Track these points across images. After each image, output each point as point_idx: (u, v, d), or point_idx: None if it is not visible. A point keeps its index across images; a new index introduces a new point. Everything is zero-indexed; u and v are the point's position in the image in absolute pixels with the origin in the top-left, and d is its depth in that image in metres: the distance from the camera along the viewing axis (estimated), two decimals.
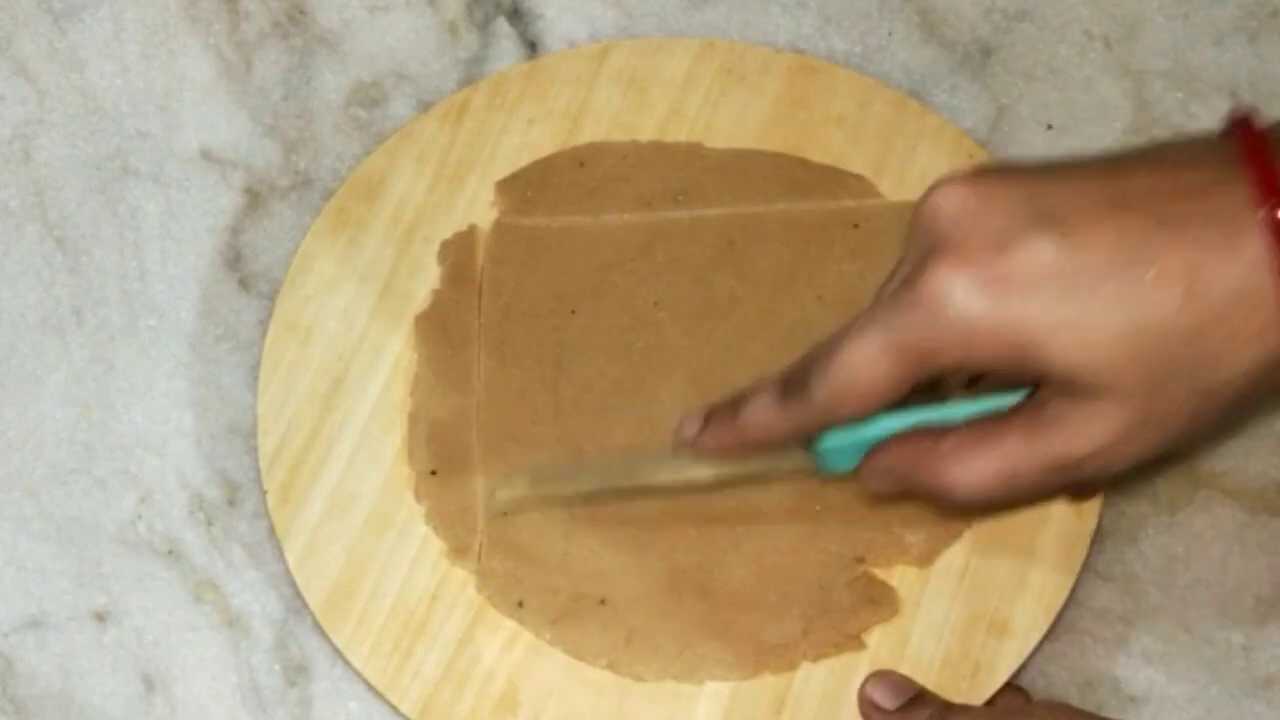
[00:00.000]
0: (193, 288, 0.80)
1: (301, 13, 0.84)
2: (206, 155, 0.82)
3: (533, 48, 0.84)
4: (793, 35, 0.83)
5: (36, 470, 0.77)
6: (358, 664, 0.72)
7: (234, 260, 0.80)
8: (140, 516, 0.76)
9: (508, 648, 0.72)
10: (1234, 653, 0.72)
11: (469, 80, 0.82)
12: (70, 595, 0.75)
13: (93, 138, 0.82)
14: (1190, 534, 0.74)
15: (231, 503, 0.76)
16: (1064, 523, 0.72)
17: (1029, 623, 0.71)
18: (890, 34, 0.83)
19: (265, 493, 0.74)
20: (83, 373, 0.78)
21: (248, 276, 0.80)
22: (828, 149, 0.79)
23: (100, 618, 0.75)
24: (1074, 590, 0.73)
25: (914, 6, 0.83)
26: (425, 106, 0.82)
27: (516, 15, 0.84)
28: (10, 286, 0.80)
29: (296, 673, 0.74)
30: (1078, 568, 0.72)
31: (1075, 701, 0.72)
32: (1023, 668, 0.72)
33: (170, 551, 0.76)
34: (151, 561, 0.75)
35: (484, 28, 0.84)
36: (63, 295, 0.80)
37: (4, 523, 0.76)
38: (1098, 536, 0.74)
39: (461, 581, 0.73)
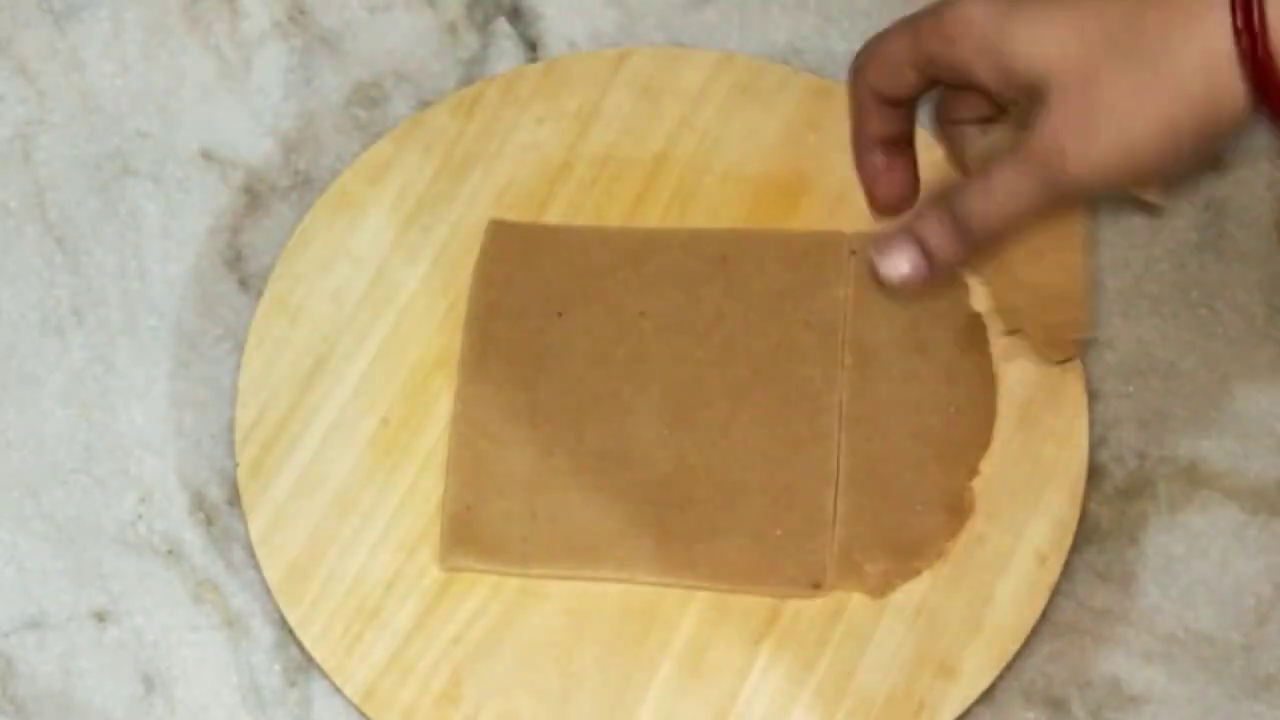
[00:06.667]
0: (193, 288, 0.80)
1: (301, 13, 0.84)
2: (206, 155, 0.82)
3: (533, 48, 0.84)
4: (792, 35, 0.83)
5: (36, 470, 0.77)
6: (308, 643, 0.72)
7: (234, 260, 0.80)
8: (140, 516, 0.76)
9: (456, 642, 0.72)
10: (1234, 653, 0.73)
11: (469, 80, 0.83)
12: (70, 595, 0.75)
13: (93, 138, 0.82)
14: (1190, 534, 0.74)
15: (231, 503, 0.76)
16: (1026, 572, 0.72)
17: (978, 668, 0.71)
18: None
19: (237, 465, 0.75)
20: (83, 373, 0.78)
21: (248, 276, 0.80)
22: (834, 173, 0.78)
23: (100, 618, 0.75)
24: (1074, 590, 0.73)
25: (913, 7, 0.83)
26: (425, 106, 0.82)
27: (516, 15, 0.84)
28: (10, 286, 0.80)
29: (296, 673, 0.74)
30: (1035, 618, 0.72)
31: (1075, 702, 0.72)
32: (1012, 676, 0.72)
33: (170, 551, 0.76)
34: (151, 561, 0.75)
35: (484, 28, 0.84)
36: (63, 295, 0.80)
37: (4, 523, 0.76)
38: (1097, 536, 0.74)
39: (418, 571, 0.73)
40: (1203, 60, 0.63)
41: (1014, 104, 0.68)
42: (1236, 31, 0.62)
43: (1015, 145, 0.66)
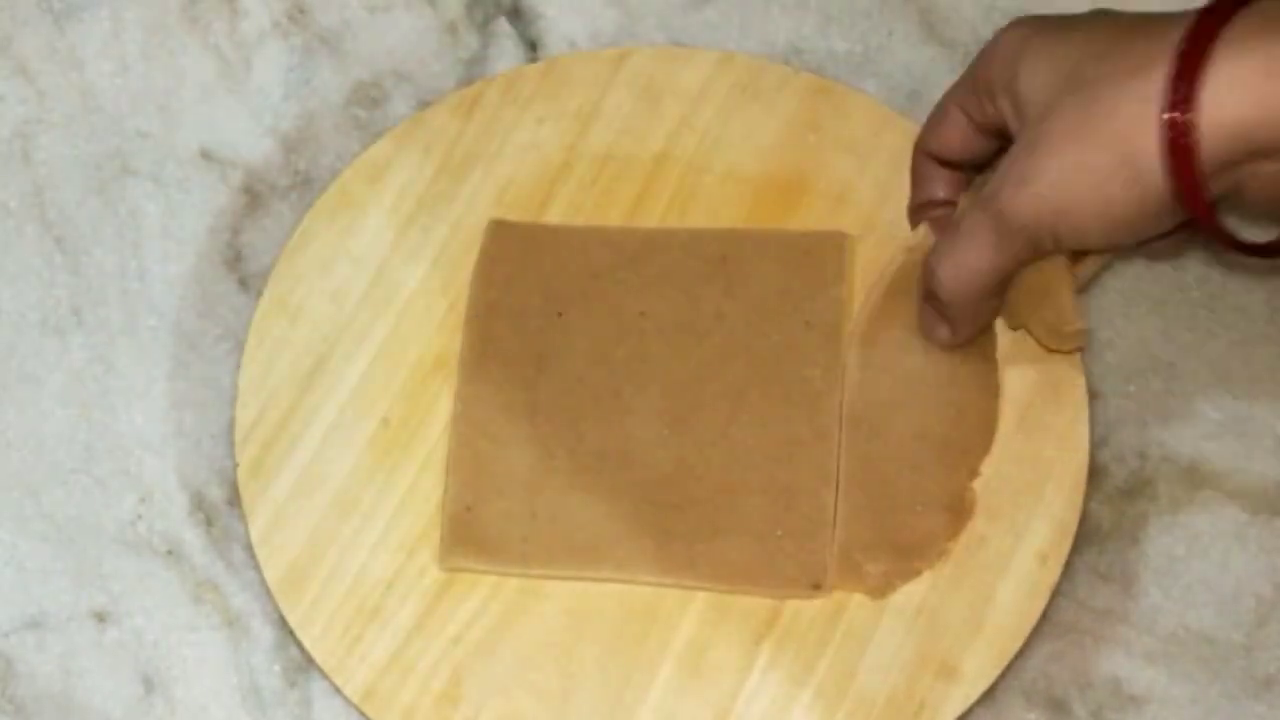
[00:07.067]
0: (193, 288, 0.80)
1: (301, 12, 0.84)
2: (206, 155, 0.82)
3: (533, 48, 0.84)
4: (793, 35, 0.83)
5: (36, 470, 0.77)
6: (307, 643, 0.72)
7: (234, 260, 0.80)
8: (140, 516, 0.76)
9: (456, 642, 0.72)
10: (1234, 653, 0.73)
11: (469, 80, 0.83)
12: (70, 595, 0.75)
13: (93, 138, 0.82)
14: (1191, 534, 0.74)
15: (231, 503, 0.76)
16: (1026, 573, 0.72)
17: (979, 669, 0.71)
18: (890, 34, 0.83)
19: (237, 465, 0.75)
20: (83, 373, 0.78)
21: (248, 276, 0.80)
22: (834, 173, 0.78)
23: (100, 618, 0.75)
24: (1074, 590, 0.73)
25: (914, 6, 0.83)
26: (425, 106, 0.82)
27: (516, 15, 0.84)
28: (10, 286, 0.80)
29: (296, 673, 0.74)
30: (1036, 618, 0.72)
31: (1075, 702, 0.72)
32: (1013, 677, 0.72)
33: (170, 551, 0.76)
34: (151, 561, 0.75)
35: (484, 28, 0.84)
36: (63, 295, 0.80)
37: (4, 523, 0.76)
38: (1098, 536, 0.74)
39: (419, 571, 0.73)
40: (1132, 125, 0.63)
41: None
42: (1162, 116, 0.62)
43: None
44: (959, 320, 0.72)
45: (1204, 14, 0.63)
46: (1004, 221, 0.67)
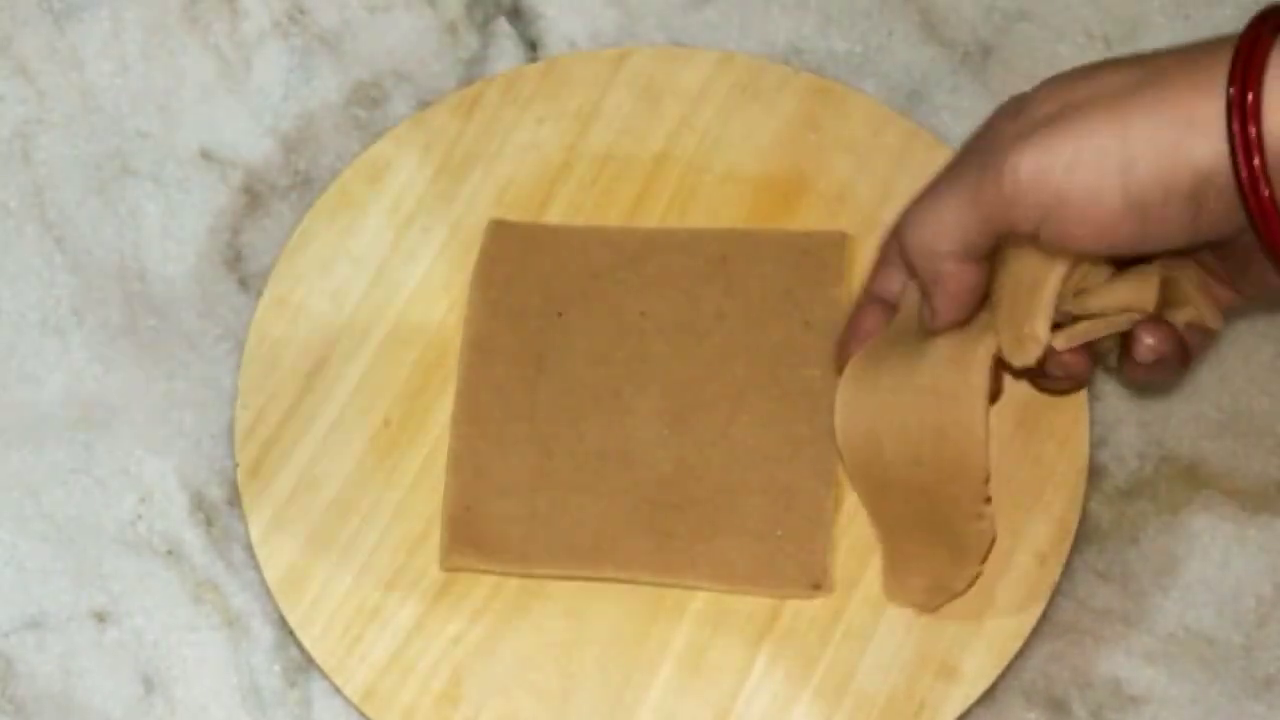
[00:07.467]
0: (193, 288, 0.80)
1: (301, 12, 0.84)
2: (206, 155, 0.82)
3: (533, 48, 0.84)
4: (793, 35, 0.83)
5: (36, 470, 0.77)
6: (307, 644, 0.72)
7: (234, 260, 0.80)
8: (140, 516, 0.76)
9: (456, 642, 0.72)
10: (1234, 653, 0.73)
11: (469, 80, 0.83)
12: (70, 595, 0.75)
13: (93, 138, 0.82)
14: (1190, 534, 0.74)
15: (231, 503, 0.76)
16: (1025, 573, 0.72)
17: (979, 669, 0.71)
18: (890, 34, 0.83)
19: (237, 465, 0.75)
20: (83, 373, 0.78)
21: (248, 276, 0.80)
22: (834, 173, 0.78)
23: (100, 618, 0.75)
24: (1074, 590, 0.73)
25: (914, 6, 0.83)
26: (425, 106, 0.82)
27: (516, 15, 0.84)
28: (10, 286, 0.80)
29: (296, 673, 0.74)
30: (1036, 618, 0.72)
31: (1075, 702, 0.72)
32: (1013, 676, 0.72)
33: (170, 551, 0.76)
34: (151, 561, 0.75)
35: (484, 28, 0.84)
36: (63, 295, 0.80)
37: (4, 523, 0.76)
38: (1098, 536, 0.74)
39: (419, 571, 0.73)
40: (1195, 95, 0.60)
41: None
42: (1229, 89, 0.59)
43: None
44: (930, 290, 0.66)
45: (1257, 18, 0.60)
46: (990, 175, 0.62)
